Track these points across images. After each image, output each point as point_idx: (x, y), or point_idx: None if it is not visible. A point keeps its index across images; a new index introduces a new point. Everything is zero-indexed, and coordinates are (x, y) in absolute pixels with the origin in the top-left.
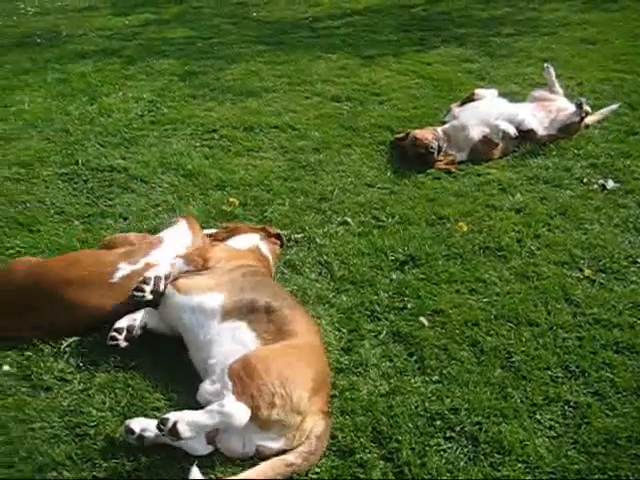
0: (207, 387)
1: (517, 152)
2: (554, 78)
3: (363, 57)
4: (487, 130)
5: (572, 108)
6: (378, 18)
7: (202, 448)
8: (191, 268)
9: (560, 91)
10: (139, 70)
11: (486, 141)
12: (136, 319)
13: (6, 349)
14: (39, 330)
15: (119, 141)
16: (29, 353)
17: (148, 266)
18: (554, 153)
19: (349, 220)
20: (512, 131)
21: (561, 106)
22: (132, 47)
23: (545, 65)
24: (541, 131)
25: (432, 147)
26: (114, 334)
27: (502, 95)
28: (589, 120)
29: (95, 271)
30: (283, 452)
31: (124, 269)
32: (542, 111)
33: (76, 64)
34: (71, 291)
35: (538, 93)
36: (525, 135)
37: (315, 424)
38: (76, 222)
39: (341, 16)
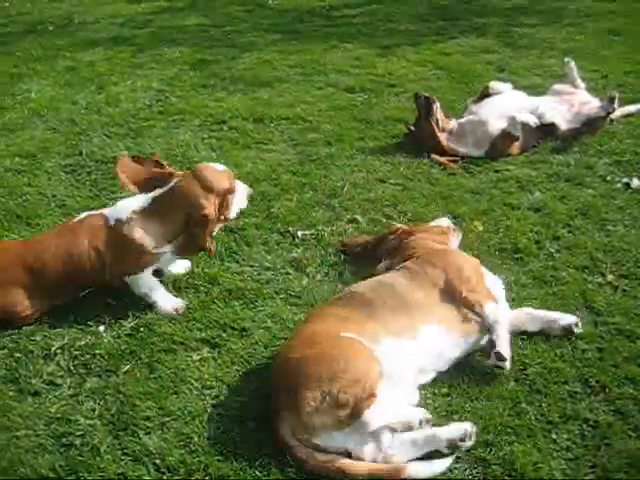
0: None
1: (537, 148)
2: (575, 73)
3: (380, 47)
4: (505, 124)
5: (595, 102)
6: (396, 7)
7: None
8: None
9: (582, 85)
10: (149, 59)
11: (505, 135)
12: None
13: None
14: None
15: (125, 132)
16: (18, 355)
17: None
18: (576, 149)
19: (358, 217)
20: (532, 121)
21: (583, 99)
22: (143, 35)
23: (565, 60)
24: (564, 125)
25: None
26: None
27: (523, 88)
28: (613, 115)
29: None
30: None
31: None
32: (564, 104)
33: (86, 52)
34: None
35: (559, 86)
36: (546, 129)
37: None
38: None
39: (359, 4)
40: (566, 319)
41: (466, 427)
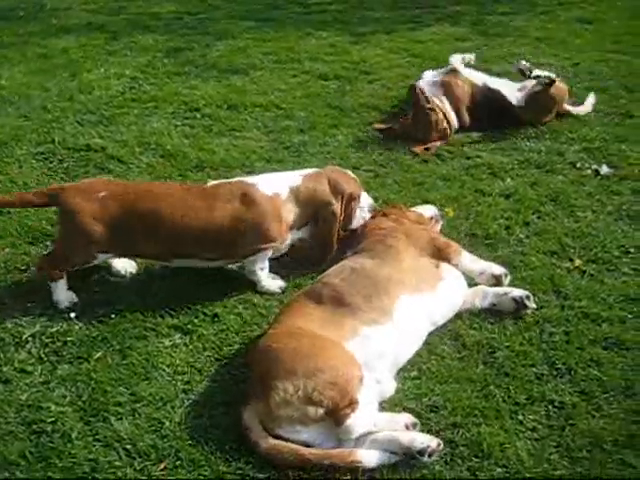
0: None
1: (507, 134)
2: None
3: (355, 34)
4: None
5: None
6: None
7: None
8: None
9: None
10: (123, 46)
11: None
12: None
13: None
14: None
15: (98, 119)
16: None
17: None
18: (547, 136)
19: None
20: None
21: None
22: (117, 22)
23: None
24: (512, 99)
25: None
26: None
27: (496, 75)
28: (581, 110)
29: None
30: None
31: None
32: (523, 90)
33: (59, 39)
34: None
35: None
36: (498, 105)
37: None
38: None
39: None
40: (516, 292)
41: (431, 443)
